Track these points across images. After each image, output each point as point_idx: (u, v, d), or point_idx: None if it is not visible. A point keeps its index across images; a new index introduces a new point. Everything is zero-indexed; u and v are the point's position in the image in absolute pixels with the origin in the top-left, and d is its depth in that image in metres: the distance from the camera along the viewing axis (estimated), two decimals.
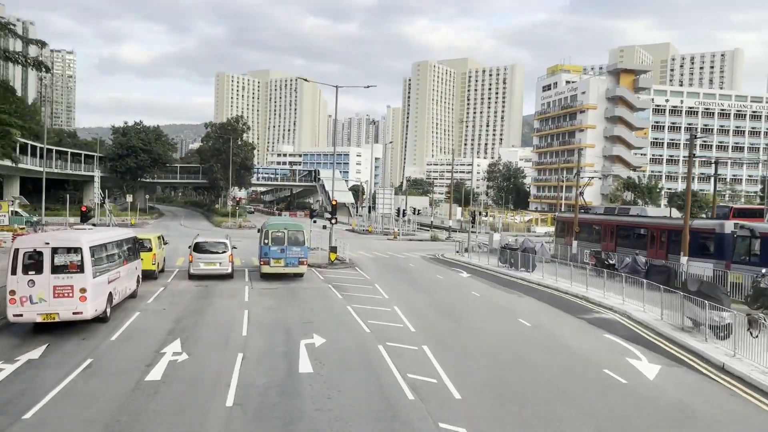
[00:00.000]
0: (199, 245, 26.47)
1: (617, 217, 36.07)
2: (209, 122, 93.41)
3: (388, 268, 32.76)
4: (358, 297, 22.62)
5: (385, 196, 68.11)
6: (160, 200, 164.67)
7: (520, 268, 30.85)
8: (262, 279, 26.75)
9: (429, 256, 41.30)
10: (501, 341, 15.88)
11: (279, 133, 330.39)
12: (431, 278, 28.91)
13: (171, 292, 22.99)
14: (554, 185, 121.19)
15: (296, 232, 26.74)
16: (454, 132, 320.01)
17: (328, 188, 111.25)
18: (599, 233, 36.57)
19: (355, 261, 35.34)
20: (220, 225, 72.45)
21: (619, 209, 38.94)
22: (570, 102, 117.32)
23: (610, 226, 35.65)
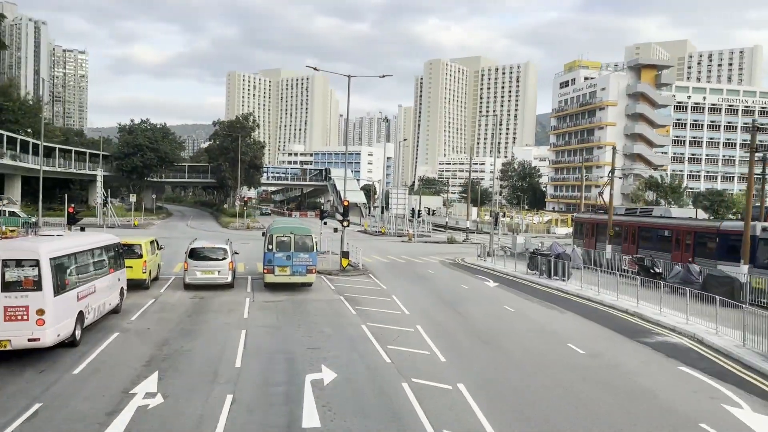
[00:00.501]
0: (196, 251, 23.61)
1: (639, 218, 34.40)
2: (217, 119, 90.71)
3: (406, 276, 29.75)
4: (374, 312, 19.64)
5: (398, 195, 65.04)
6: (170, 200, 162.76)
7: (554, 277, 27.72)
8: (266, 289, 23.86)
9: (448, 260, 38.24)
10: (554, 377, 12.81)
11: (290, 132, 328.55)
12: (455, 288, 25.85)
13: (161, 306, 20.14)
14: (573, 184, 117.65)
15: (304, 237, 23.83)
16: (467, 131, 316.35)
17: (339, 188, 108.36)
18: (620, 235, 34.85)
19: (369, 267, 32.37)
20: (227, 226, 69.82)
21: (641, 210, 37.19)
22: (589, 99, 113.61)
23: (632, 228, 33.95)
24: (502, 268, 33.03)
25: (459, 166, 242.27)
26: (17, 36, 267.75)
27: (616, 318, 19.81)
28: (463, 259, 39.33)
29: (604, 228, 37.12)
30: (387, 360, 13.76)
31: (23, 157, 65.71)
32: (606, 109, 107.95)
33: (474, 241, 57.36)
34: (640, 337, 16.86)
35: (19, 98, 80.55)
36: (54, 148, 75.57)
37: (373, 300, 22.12)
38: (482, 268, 34.11)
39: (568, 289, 25.33)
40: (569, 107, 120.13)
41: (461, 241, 56.89)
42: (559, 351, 15.07)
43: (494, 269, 33.08)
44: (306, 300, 21.83)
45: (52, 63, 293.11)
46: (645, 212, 35.70)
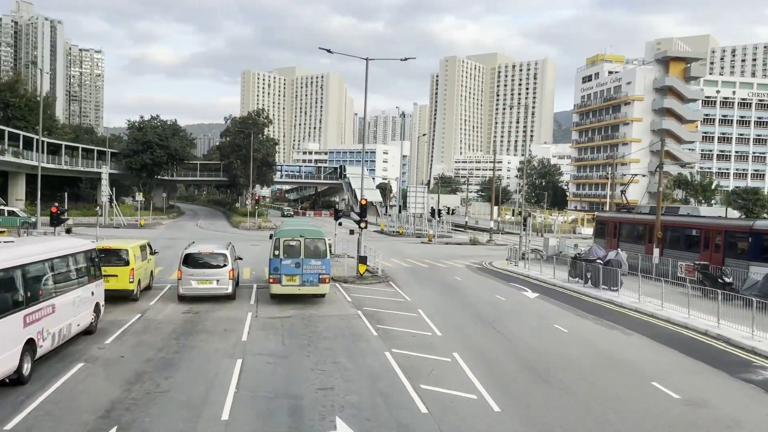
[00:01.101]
0: (191, 257, 20.41)
1: (665, 216, 32.40)
2: (229, 115, 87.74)
3: (431, 284, 26.36)
4: (400, 333, 16.29)
5: (417, 194, 61.62)
6: (183, 199, 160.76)
7: (601, 286, 24.15)
8: (272, 301, 20.63)
9: (475, 264, 34.77)
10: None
11: (305, 131, 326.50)
12: (490, 300, 22.40)
13: (146, 324, 16.96)
14: (596, 182, 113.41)
15: (316, 241, 20.55)
16: (483, 129, 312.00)
17: (354, 186, 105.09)
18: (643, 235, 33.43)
19: (389, 273, 29.01)
20: (238, 225, 66.91)
21: (667, 209, 35.29)
22: (613, 93, 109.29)
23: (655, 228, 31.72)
24: (537, 274, 29.50)
25: (475, 165, 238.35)
26: (33, 35, 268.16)
27: (695, 343, 16.22)
28: (491, 263, 35.87)
29: (628, 228, 35.40)
30: (422, 409, 10.39)
31: (27, 154, 63.22)
32: (632, 104, 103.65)
33: (498, 243, 53.82)
34: (739, 371, 13.31)
35: (26, 94, 78.23)
36: (60, 145, 73.04)
37: (396, 316, 18.76)
38: (515, 274, 30.60)
39: (621, 301, 21.77)
40: (592, 102, 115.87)
41: (484, 243, 53.43)
42: (645, 394, 11.58)
43: (529, 276, 29.57)
44: (318, 316, 18.53)
45: (69, 62, 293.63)
46: (671, 211, 34.00)
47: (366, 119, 28.63)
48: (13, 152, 58.39)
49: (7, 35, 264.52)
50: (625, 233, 35.60)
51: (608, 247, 34.38)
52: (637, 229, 34.70)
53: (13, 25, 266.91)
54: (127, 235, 48.21)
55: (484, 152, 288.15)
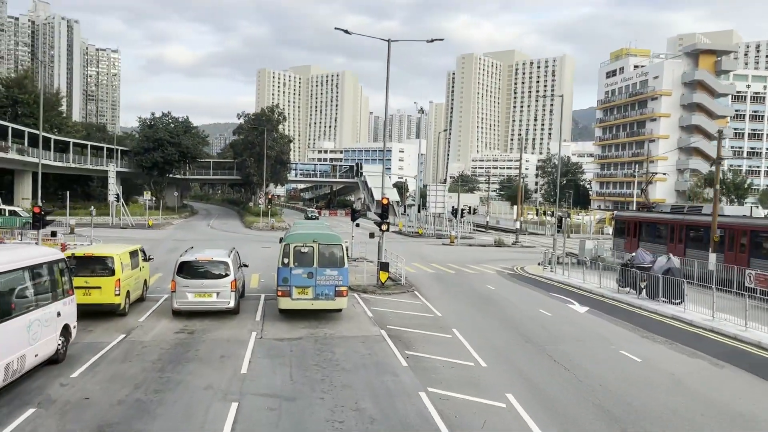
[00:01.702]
0: (187, 266, 17.53)
1: (687, 216, 31.65)
2: (242, 112, 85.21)
3: (462, 294, 23.27)
4: (435, 363, 13.26)
5: (437, 193, 58.50)
6: (197, 198, 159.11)
7: (660, 299, 20.89)
8: (281, 316, 17.71)
9: (506, 270, 31.62)
10: None
11: (320, 129, 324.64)
12: (534, 315, 19.27)
13: (128, 349, 14.10)
14: (621, 181, 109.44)
15: (331, 247, 17.58)
16: (500, 127, 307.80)
17: (371, 184, 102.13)
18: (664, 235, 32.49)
19: (413, 280, 25.96)
20: (251, 226, 64.27)
21: (689, 207, 34.74)
22: (639, 88, 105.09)
23: (678, 226, 31.31)
24: (579, 282, 26.27)
25: (493, 163, 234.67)
26: (50, 34, 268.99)
27: None
28: (524, 268, 32.69)
29: (649, 227, 34.27)
30: None
31: (32, 152, 61.06)
32: (659, 99, 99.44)
33: (525, 244, 50.57)
34: None
35: (34, 90, 76.22)
36: (68, 142, 70.89)
37: (427, 338, 15.71)
38: (554, 282, 27.38)
39: (690, 318, 18.51)
40: (617, 98, 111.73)
41: (510, 244, 50.22)
42: None
43: (570, 284, 26.34)
44: (334, 337, 15.54)
45: (85, 62, 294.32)
46: (693, 210, 33.06)
47: (387, 107, 25.65)
48: (17, 149, 56.23)
49: (24, 35, 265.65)
50: (646, 233, 34.36)
51: (627, 248, 33.87)
52: (658, 229, 33.42)
53: (30, 24, 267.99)
54: (133, 236, 45.71)
55: (501, 150, 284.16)
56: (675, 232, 31.53)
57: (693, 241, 30.17)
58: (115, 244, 23.40)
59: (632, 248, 33.27)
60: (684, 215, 32.04)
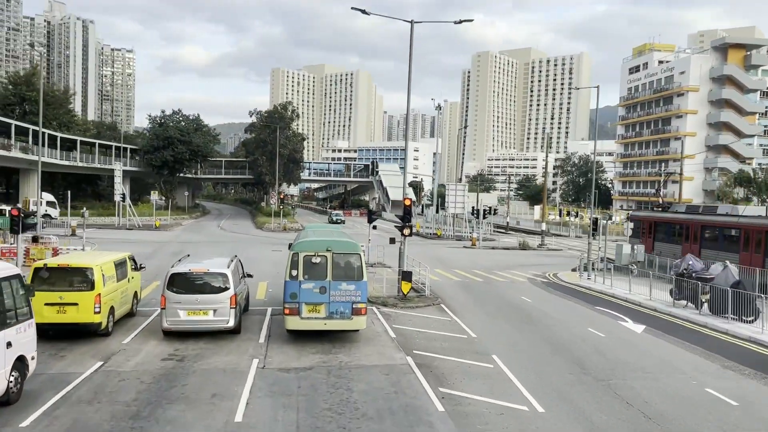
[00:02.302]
0: (179, 279, 15.00)
1: (702, 216, 31.59)
2: (254, 109, 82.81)
3: (495, 308, 20.54)
4: (479, 408, 10.56)
5: (456, 193, 55.71)
6: (210, 197, 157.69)
7: (729, 316, 18.00)
8: (289, 337, 15.13)
9: (539, 278, 28.82)
10: None
11: (334, 129, 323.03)
12: (584, 336, 16.48)
13: (101, 383, 11.57)
14: (645, 180, 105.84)
15: (348, 256, 14.95)
16: (516, 125, 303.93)
17: (386, 184, 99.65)
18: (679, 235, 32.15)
19: (437, 290, 23.27)
20: (262, 226, 61.93)
21: (704, 207, 35.07)
22: (664, 84, 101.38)
23: (693, 227, 31.02)
24: (624, 292, 23.41)
25: (509, 162, 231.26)
26: (65, 35, 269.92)
27: None
28: (557, 275, 29.90)
29: (664, 227, 34.05)
30: None
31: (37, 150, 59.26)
32: (685, 95, 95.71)
33: (551, 247, 47.65)
34: None
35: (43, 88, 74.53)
36: (75, 141, 69.03)
37: (465, 369, 13.02)
38: (596, 292, 24.53)
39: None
40: (640, 94, 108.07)
41: (535, 247, 47.33)
42: None
43: (615, 295, 23.48)
44: (351, 366, 12.91)
45: (101, 62, 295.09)
46: (708, 210, 33.25)
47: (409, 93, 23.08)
48: (21, 147, 54.31)
49: (39, 35, 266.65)
50: (661, 233, 34.27)
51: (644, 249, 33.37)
52: (673, 229, 33.25)
53: (46, 24, 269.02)
54: (136, 238, 43.50)
55: (518, 149, 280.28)
56: (690, 232, 31.37)
57: (708, 241, 29.99)
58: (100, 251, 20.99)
59: (647, 248, 33.64)
60: (699, 215, 32.05)
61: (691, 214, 33.15)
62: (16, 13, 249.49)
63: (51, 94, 75.17)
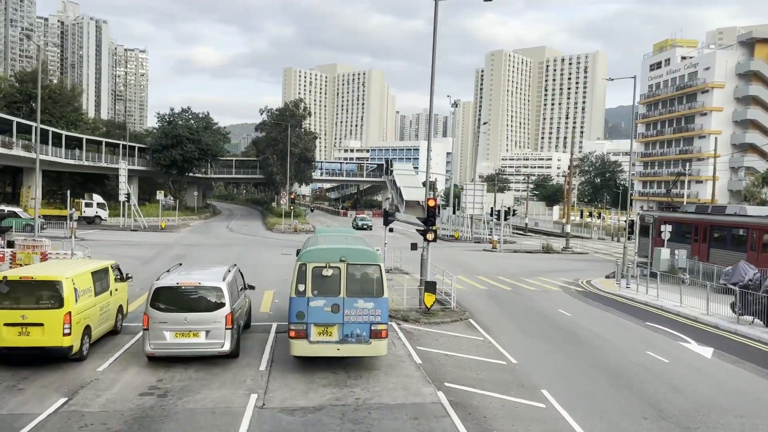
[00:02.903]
0: (165, 294, 12.61)
1: (711, 216, 31.85)
2: (265, 107, 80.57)
3: (532, 324, 17.97)
4: None
5: (475, 193, 53.16)
6: (222, 197, 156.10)
7: None
8: (296, 364, 12.70)
9: (572, 286, 26.21)
10: None
11: (346, 128, 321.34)
12: (645, 362, 13.89)
13: (60, 429, 9.20)
14: (667, 179, 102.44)
15: (365, 268, 12.49)
16: (531, 125, 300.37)
17: (399, 184, 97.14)
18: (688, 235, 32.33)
19: (463, 301, 20.74)
20: (272, 228, 59.69)
21: (713, 208, 35.16)
22: (688, 81, 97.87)
23: (702, 227, 31.34)
24: (673, 305, 20.75)
25: (523, 162, 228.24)
26: (79, 35, 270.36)
27: None
28: (591, 282, 27.29)
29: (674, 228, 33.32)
30: None
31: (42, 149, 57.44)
32: (710, 91, 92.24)
33: (576, 250, 44.90)
34: None
35: (50, 85, 73.01)
36: (81, 139, 67.18)
37: (511, 409, 10.49)
38: (640, 304, 21.88)
39: None
40: (662, 92, 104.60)
41: (560, 250, 44.64)
42: None
43: (663, 308, 20.82)
44: (371, 409, 10.42)
45: (114, 62, 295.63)
46: (717, 210, 33.61)
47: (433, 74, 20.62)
48: (23, 145, 52.44)
49: (53, 35, 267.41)
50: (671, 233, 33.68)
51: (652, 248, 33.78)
52: (682, 229, 33.22)
53: (60, 25, 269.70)
54: (141, 240, 41.37)
55: (532, 149, 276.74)
56: (699, 232, 31.70)
57: (716, 241, 30.15)
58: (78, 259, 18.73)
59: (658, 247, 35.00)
60: (708, 215, 32.37)
61: (701, 214, 33.55)
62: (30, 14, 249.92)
63: (58, 92, 73.51)
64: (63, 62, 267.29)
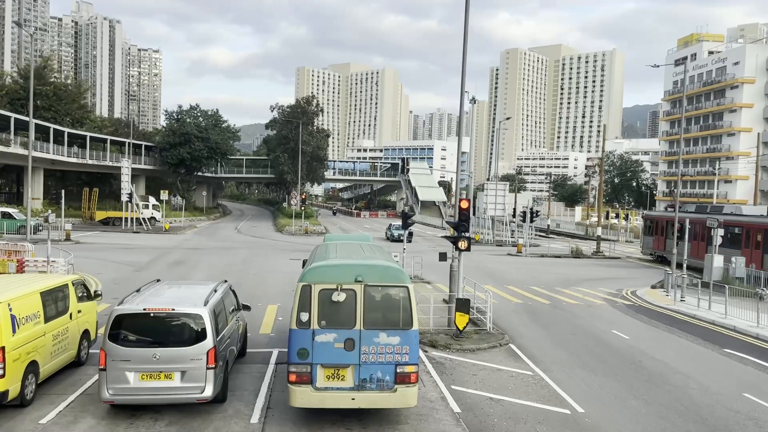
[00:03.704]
0: (128, 322, 9.69)
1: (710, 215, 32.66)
2: (275, 104, 77.76)
3: (586, 350, 14.86)
4: None
5: (497, 193, 49.92)
6: (234, 197, 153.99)
7: None
8: (298, 417, 9.72)
9: (616, 298, 23.05)
10: None
11: (359, 128, 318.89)
12: (749, 411, 10.79)
13: None
14: (694, 179, 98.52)
15: (388, 290, 9.47)
16: (547, 124, 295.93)
17: (414, 183, 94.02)
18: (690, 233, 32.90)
19: (498, 319, 17.63)
20: (282, 229, 56.91)
21: (712, 207, 37.49)
22: (715, 76, 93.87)
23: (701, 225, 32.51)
24: (749, 325, 17.54)
25: (539, 161, 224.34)
26: (92, 35, 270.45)
27: None
28: (635, 293, 24.14)
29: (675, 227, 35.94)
30: None
31: (42, 147, 55.17)
32: (740, 87, 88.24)
33: (608, 255, 41.54)
34: None
35: (55, 82, 70.79)
36: (85, 136, 64.78)
37: None
38: (706, 323, 18.66)
39: None
40: (688, 88, 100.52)
41: (590, 254, 41.38)
42: None
43: (738, 329, 17.58)
44: None
45: (127, 62, 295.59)
46: (715, 210, 35.73)
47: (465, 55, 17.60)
48: (21, 143, 50.06)
49: (67, 35, 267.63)
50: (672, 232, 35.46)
51: (655, 246, 37.24)
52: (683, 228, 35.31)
53: (74, 25, 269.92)
54: (140, 243, 38.67)
55: (548, 148, 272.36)
56: (697, 231, 33.11)
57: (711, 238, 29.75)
58: (27, 275, 15.86)
59: (659, 246, 36.62)
60: (707, 214, 33.50)
61: (700, 213, 35.07)
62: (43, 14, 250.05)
63: (62, 88, 71.30)
64: (77, 62, 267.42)
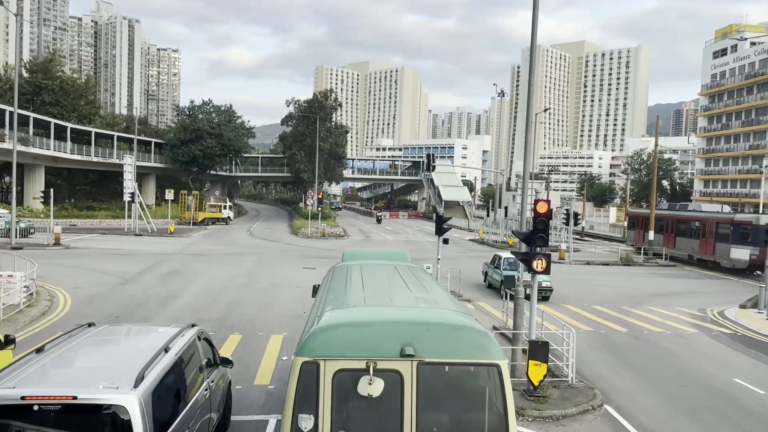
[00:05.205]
0: (10, 414, 5.46)
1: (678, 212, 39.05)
2: (291, 98, 73.65)
3: (718, 419, 10.41)
4: None
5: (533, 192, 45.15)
6: (251, 197, 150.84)
7: None
8: None
9: (705, 322, 18.48)
10: None
11: (378, 127, 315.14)
12: None
13: None
14: (734, 178, 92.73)
15: (462, 374, 5.09)
16: (569, 122, 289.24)
17: (437, 183, 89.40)
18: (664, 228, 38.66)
19: (586, 372, 13.11)
20: (297, 232, 52.81)
21: (680, 205, 41.64)
22: (759, 68, 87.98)
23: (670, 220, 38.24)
24: None
25: (562, 160, 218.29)
26: (112, 35, 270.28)
27: None
28: (724, 314, 19.58)
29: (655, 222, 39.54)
30: None
31: (43, 143, 51.79)
32: None
33: (660, 263, 36.67)
34: None
35: (61, 76, 67.56)
36: (90, 132, 61.27)
37: None
38: None
39: None
40: (728, 81, 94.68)
41: (641, 262, 36.61)
42: None
43: None
44: None
45: (147, 62, 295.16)
46: (682, 207, 40.55)
47: (535, 36, 13.16)
48: (20, 139, 46.62)
49: (87, 35, 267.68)
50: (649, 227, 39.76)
51: (637, 239, 41.64)
52: (659, 224, 39.05)
53: (93, 24, 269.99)
54: (139, 248, 34.69)
55: (571, 146, 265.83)
56: (668, 225, 38.30)
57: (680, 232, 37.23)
58: None
59: (639, 239, 40.79)
60: (676, 212, 39.30)
61: (671, 210, 40.65)
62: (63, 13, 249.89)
63: (69, 83, 68.10)
64: (96, 61, 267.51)
